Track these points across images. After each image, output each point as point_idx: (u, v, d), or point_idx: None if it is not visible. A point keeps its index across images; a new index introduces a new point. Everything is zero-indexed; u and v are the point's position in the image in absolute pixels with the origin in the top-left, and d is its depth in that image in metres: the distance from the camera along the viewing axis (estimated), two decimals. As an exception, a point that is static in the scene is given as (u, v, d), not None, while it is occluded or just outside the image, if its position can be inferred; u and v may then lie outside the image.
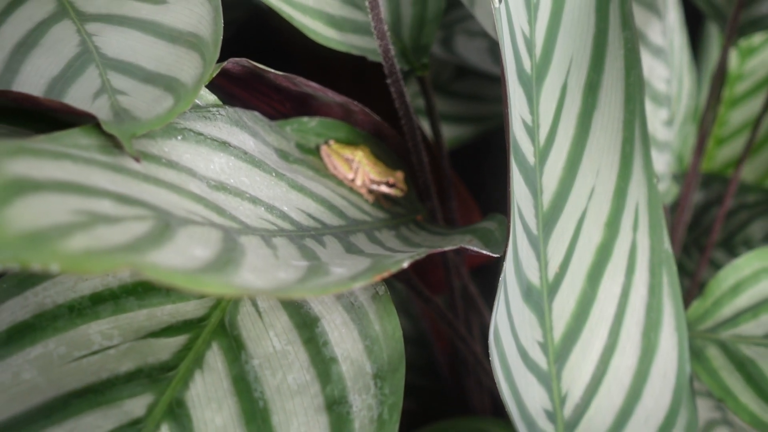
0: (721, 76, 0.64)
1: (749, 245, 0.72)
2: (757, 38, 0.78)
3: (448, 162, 0.57)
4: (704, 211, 0.73)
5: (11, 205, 0.26)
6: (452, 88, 0.73)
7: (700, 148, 0.66)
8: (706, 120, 0.65)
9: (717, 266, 0.74)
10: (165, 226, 0.30)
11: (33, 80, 0.39)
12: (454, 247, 0.41)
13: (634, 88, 0.48)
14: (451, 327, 0.58)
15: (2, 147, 0.28)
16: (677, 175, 0.67)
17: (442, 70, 0.72)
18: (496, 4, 0.39)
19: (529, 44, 0.44)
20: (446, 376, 0.72)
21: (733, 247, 0.72)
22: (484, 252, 0.42)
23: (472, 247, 0.41)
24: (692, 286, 0.68)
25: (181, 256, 0.28)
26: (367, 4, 0.46)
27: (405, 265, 0.34)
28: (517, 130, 0.42)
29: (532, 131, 0.44)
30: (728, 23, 0.64)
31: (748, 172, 0.78)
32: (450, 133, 0.71)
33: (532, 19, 0.44)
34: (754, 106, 0.78)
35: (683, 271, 0.73)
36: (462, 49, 0.67)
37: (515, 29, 0.42)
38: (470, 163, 0.72)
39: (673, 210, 0.68)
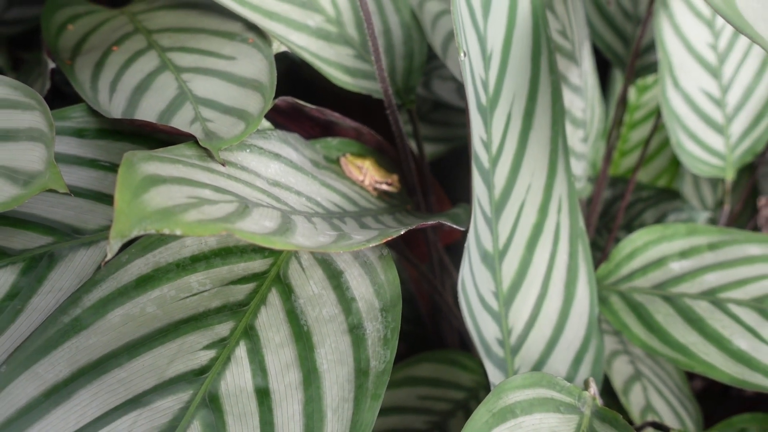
0: (622, 107, 0.65)
1: (642, 227, 0.71)
2: (649, 78, 0.79)
3: (428, 169, 0.57)
4: (611, 204, 0.73)
5: (148, 192, 0.29)
6: (430, 117, 0.72)
7: (607, 158, 0.67)
8: (611, 138, 0.66)
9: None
10: (245, 206, 0.33)
11: (147, 113, 0.40)
12: (434, 223, 0.41)
13: (558, 115, 0.48)
14: (430, 286, 0.58)
15: (139, 155, 0.31)
16: (591, 178, 0.68)
17: (423, 104, 0.72)
18: (462, 57, 0.39)
19: (485, 85, 0.44)
20: (427, 323, 0.72)
21: (632, 229, 0.72)
22: (455, 227, 0.43)
23: (447, 223, 0.42)
24: (602, 257, 0.68)
25: (257, 225, 0.31)
26: (372, 59, 0.47)
27: (402, 232, 0.36)
28: (477, 145, 0.43)
29: (487, 145, 0.44)
30: (627, 68, 0.65)
31: (643, 176, 0.79)
32: (429, 149, 0.70)
33: (486, 67, 0.44)
34: (647, 128, 0.79)
35: (596, 247, 0.72)
36: (437, 89, 0.67)
37: (475, 75, 0.43)
38: (444, 170, 0.72)
39: (589, 203, 0.68)
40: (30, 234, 0.36)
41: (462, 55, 0.39)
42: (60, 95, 0.63)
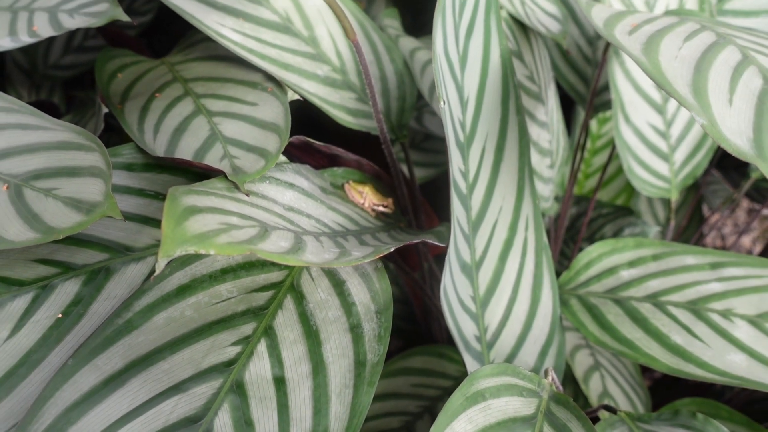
0: (584, 137, 0.68)
1: (604, 239, 0.72)
2: (608, 112, 0.81)
3: (419, 191, 0.58)
4: (576, 219, 0.75)
5: (187, 220, 0.32)
6: (422, 146, 0.73)
7: (572, 180, 0.69)
8: (575, 164, 0.69)
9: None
10: (265, 230, 0.35)
11: (185, 152, 0.42)
12: (419, 240, 0.43)
13: (524, 148, 0.49)
14: (422, 290, 0.60)
15: (180, 190, 0.34)
16: (560, 197, 0.69)
17: (416, 135, 0.73)
18: (442, 105, 0.41)
19: (463, 125, 0.46)
20: (420, 321, 0.73)
21: (594, 241, 0.73)
22: (438, 244, 0.44)
23: (431, 241, 0.44)
24: (569, 263, 0.70)
25: (274, 246, 0.33)
26: (370, 102, 0.49)
27: (392, 249, 0.38)
28: (456, 174, 0.44)
29: (465, 175, 0.46)
30: (587, 105, 0.66)
31: (604, 195, 0.81)
32: (421, 172, 0.71)
33: (464, 111, 0.46)
34: (607, 154, 0.80)
35: (564, 255, 0.73)
36: (427, 123, 0.68)
37: (454, 117, 0.44)
38: (433, 190, 0.73)
39: (557, 219, 0.70)
40: (90, 251, 0.39)
41: (442, 103, 0.41)
42: (108, 126, 0.66)
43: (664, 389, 0.73)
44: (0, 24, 0.52)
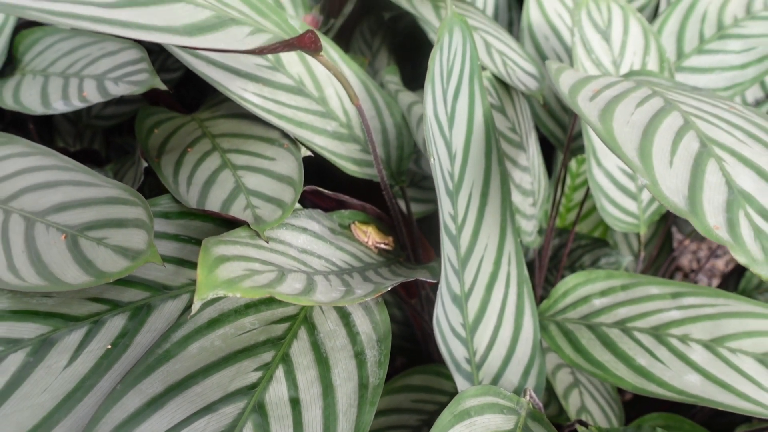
0: (564, 176, 0.72)
1: (582, 268, 0.76)
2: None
3: (416, 228, 0.61)
4: (558, 249, 0.77)
5: (218, 268, 0.35)
6: (420, 185, 0.76)
7: (553, 216, 0.72)
8: (556, 201, 0.73)
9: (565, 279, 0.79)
10: (282, 273, 0.39)
11: (214, 202, 0.45)
12: (413, 279, 0.46)
13: (506, 194, 0.52)
14: (420, 316, 0.63)
15: (212, 241, 0.38)
16: (543, 230, 0.71)
17: (415, 175, 0.76)
18: (432, 162, 0.44)
19: (452, 176, 0.48)
20: (420, 342, 0.75)
21: (574, 269, 0.76)
22: (431, 281, 0.47)
23: (424, 279, 0.47)
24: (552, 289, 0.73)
25: (290, 288, 0.37)
26: (371, 153, 0.52)
27: (389, 288, 0.41)
28: (446, 218, 0.47)
29: (454, 218, 0.48)
30: (565, 149, 0.68)
31: (584, 227, 0.83)
32: (420, 208, 0.74)
33: (452, 163, 0.49)
34: (585, 191, 0.84)
35: (548, 282, 0.76)
36: (424, 166, 0.72)
37: (444, 169, 0.47)
38: (430, 224, 0.75)
39: (541, 250, 0.72)
40: (134, 290, 0.43)
41: (431, 160, 0.45)
42: (146, 169, 0.70)
43: (642, 404, 0.76)
44: (53, 88, 0.57)
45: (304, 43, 0.39)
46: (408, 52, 0.91)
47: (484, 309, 0.51)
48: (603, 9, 0.65)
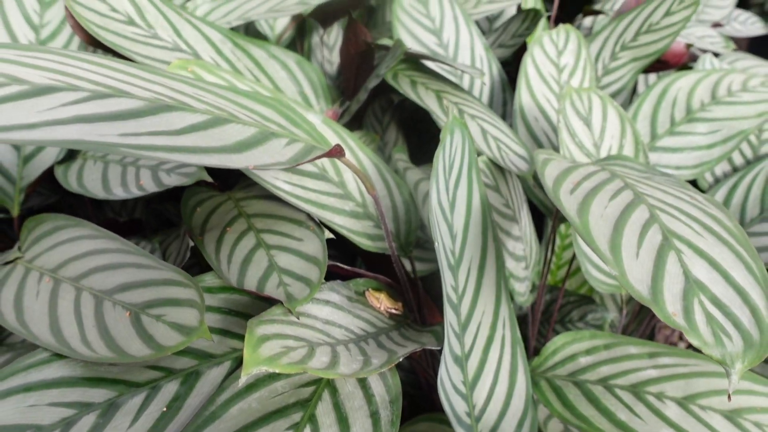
0: (553, 240, 0.77)
1: (572, 322, 0.79)
2: None
3: (423, 291, 0.65)
4: (550, 305, 0.81)
5: (260, 347, 0.40)
6: (426, 246, 0.76)
7: (544, 275, 0.78)
8: (546, 263, 0.78)
9: (557, 332, 0.80)
10: (311, 348, 0.44)
11: (251, 280, 0.48)
12: (421, 348, 0.49)
13: (500, 267, 0.56)
14: (425, 370, 0.66)
15: (254, 321, 0.43)
16: (536, 286, 0.75)
17: (419, 239, 0.75)
18: (437, 246, 0.48)
19: (453, 253, 0.53)
20: (423, 388, 0.76)
21: (564, 323, 0.79)
22: (435, 348, 0.51)
23: (430, 347, 0.50)
24: (545, 341, 0.76)
25: (319, 362, 0.42)
26: (383, 230, 0.57)
27: (401, 359, 0.45)
28: (448, 289, 0.50)
29: (455, 289, 0.51)
30: (554, 217, 0.73)
31: (573, 282, 0.86)
32: (425, 267, 0.73)
33: (453, 242, 0.53)
34: (573, 251, 0.89)
35: (541, 334, 0.80)
36: (428, 232, 0.74)
37: (446, 247, 0.51)
38: (432, 281, 0.77)
39: (533, 305, 0.76)
40: (185, 359, 0.47)
41: (436, 244, 0.49)
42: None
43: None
44: (113, 175, 0.63)
45: (333, 154, 0.45)
46: (415, 124, 0.97)
47: (482, 368, 0.54)
48: (584, 99, 0.71)
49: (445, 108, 0.68)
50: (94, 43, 0.63)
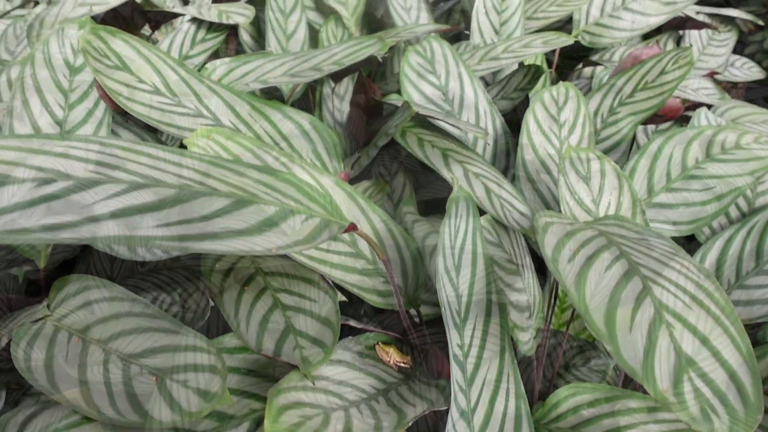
0: (556, 287, 0.80)
1: (576, 368, 0.80)
2: None
3: (430, 341, 0.68)
4: (553, 349, 0.82)
5: (281, 417, 0.43)
6: (432, 289, 0.77)
7: (548, 321, 0.81)
8: (549, 310, 0.80)
9: (560, 376, 0.80)
10: (327, 415, 0.47)
11: (269, 342, 0.51)
12: (430, 409, 0.51)
13: (504, 322, 0.58)
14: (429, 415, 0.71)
15: (274, 390, 0.46)
16: (541, 330, 0.80)
17: (428, 281, 0.85)
18: (443, 311, 0.52)
19: (458, 313, 0.56)
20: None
21: (569, 367, 0.80)
22: (442, 408, 0.53)
23: (438, 408, 0.52)
24: (549, 386, 0.78)
25: (333, 430, 0.46)
26: (392, 287, 0.62)
27: (410, 424, 0.49)
28: (454, 347, 0.53)
29: (461, 347, 0.55)
30: None
31: (576, 326, 0.88)
32: (432, 310, 0.74)
33: (459, 303, 0.55)
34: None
35: (545, 377, 0.83)
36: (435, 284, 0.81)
37: (452, 308, 0.54)
38: (439, 322, 0.79)
39: (538, 349, 0.75)
40: (207, 420, 0.50)
41: (443, 309, 0.53)
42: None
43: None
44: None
45: (348, 229, 0.48)
46: (421, 169, 1.01)
47: (487, 421, 0.56)
48: (583, 158, 0.74)
49: (451, 179, 0.71)
50: (120, 111, 0.67)
